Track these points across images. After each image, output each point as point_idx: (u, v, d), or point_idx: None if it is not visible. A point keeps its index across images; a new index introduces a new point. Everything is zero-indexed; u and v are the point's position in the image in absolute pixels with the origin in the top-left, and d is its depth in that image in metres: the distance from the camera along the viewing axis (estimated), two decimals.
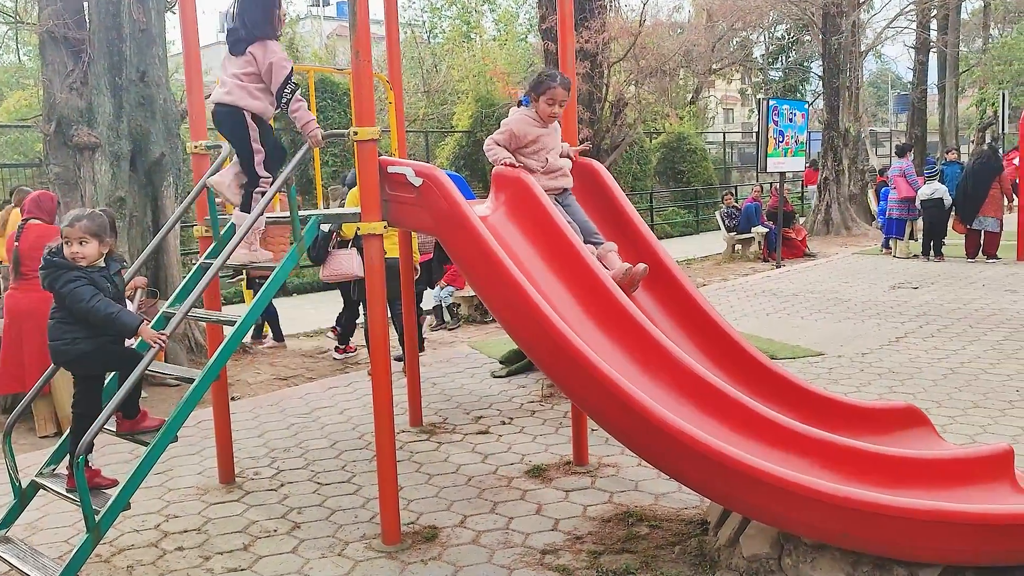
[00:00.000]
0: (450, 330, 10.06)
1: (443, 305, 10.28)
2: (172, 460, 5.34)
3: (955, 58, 27.29)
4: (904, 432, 3.89)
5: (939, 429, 4.01)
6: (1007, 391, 6.12)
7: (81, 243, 3.68)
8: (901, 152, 14.11)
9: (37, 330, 5.37)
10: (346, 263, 8.21)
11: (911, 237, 13.98)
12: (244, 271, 7.46)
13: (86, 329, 3.70)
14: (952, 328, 8.27)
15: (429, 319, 9.82)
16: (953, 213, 13.10)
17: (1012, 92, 26.02)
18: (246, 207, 4.41)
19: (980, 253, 12.85)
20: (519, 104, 4.47)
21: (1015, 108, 22.85)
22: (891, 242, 14.13)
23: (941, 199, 13.02)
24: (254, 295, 8.62)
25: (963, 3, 29.25)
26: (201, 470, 5.22)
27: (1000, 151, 15.05)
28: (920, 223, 13.84)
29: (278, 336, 9.43)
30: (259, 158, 4.40)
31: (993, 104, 27.33)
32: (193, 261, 5.92)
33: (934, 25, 26.40)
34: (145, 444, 3.73)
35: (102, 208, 4.62)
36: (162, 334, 3.69)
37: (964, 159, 16.26)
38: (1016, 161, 15.76)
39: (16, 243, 6.11)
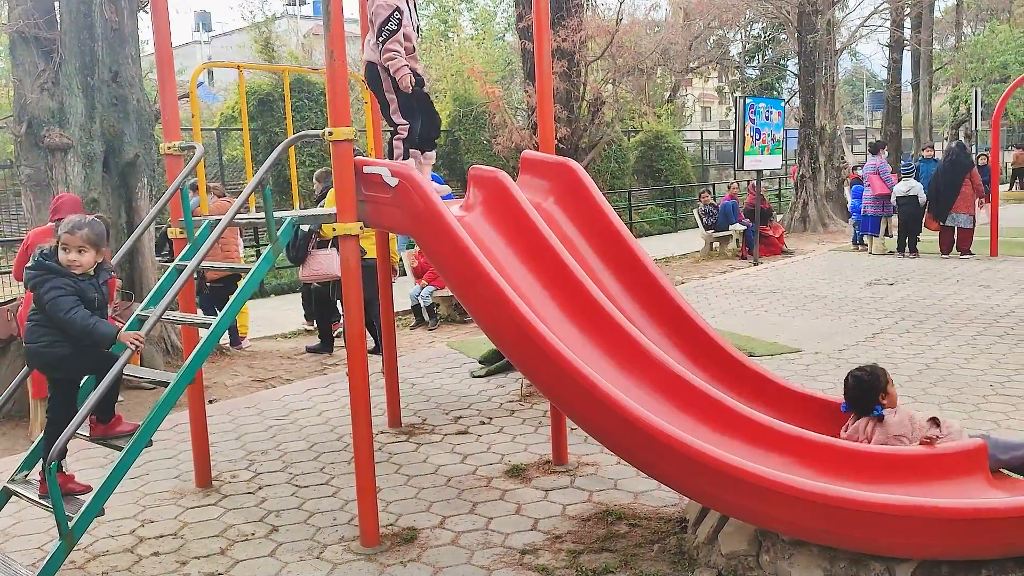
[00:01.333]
0: (430, 330, 10.03)
1: (422, 305, 10.25)
2: (147, 464, 5.29)
3: (928, 56, 27.60)
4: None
5: None
6: (981, 386, 6.18)
7: (80, 251, 3.63)
8: (874, 150, 14.23)
9: None
10: (326, 263, 8.19)
11: (886, 234, 14.11)
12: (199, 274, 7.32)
13: (64, 333, 3.65)
14: (927, 324, 8.35)
15: None
16: (927, 210, 13.24)
17: (985, 89, 26.32)
18: (389, 154, 4.81)
19: (954, 249, 12.99)
20: None
21: (988, 105, 23.13)
22: (866, 239, 14.25)
23: (916, 196, 13.14)
24: (201, 303, 8.52)
25: (936, 1, 29.59)
26: (177, 474, 5.17)
27: (968, 148, 15.21)
28: (895, 220, 13.97)
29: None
30: (393, 107, 4.73)
31: (966, 101, 27.65)
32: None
33: (908, 24, 26.65)
34: (119, 449, 3.69)
35: (98, 215, 4.56)
36: (139, 335, 3.64)
37: (940, 156, 16.42)
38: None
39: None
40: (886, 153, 14.17)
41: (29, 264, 3.69)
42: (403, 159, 4.62)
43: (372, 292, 6.18)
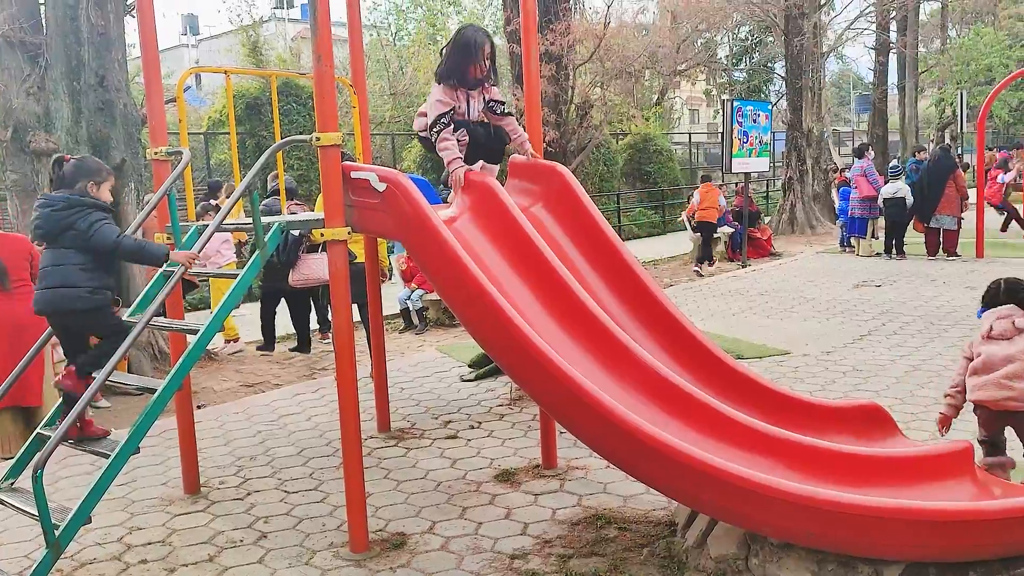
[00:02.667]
0: (418, 334, 10.03)
1: (412, 308, 10.25)
2: (135, 471, 5.26)
3: (914, 59, 27.79)
4: (868, 430, 3.94)
5: (902, 426, 4.07)
6: None
7: (110, 186, 4.03)
8: (859, 153, 14.31)
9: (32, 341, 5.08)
10: (316, 268, 8.17)
11: (873, 235, 14.19)
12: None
13: (106, 280, 3.87)
14: (913, 325, 8.40)
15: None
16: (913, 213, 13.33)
17: (970, 92, 26.54)
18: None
19: (940, 251, 13.07)
20: None
21: (973, 107, 23.28)
22: (853, 240, 14.31)
23: (903, 198, 13.21)
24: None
25: (921, 5, 29.76)
26: (165, 480, 5.15)
27: (953, 150, 15.32)
28: (882, 222, 14.05)
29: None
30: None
31: (952, 104, 27.85)
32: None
33: (893, 27, 26.82)
34: (106, 456, 3.67)
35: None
36: (192, 255, 3.94)
37: None
38: (1000, 179, 16.02)
39: None
40: (871, 155, 14.25)
41: (57, 206, 3.81)
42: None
43: (362, 296, 6.18)
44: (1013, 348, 3.92)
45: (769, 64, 35.01)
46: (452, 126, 4.47)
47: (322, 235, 4.02)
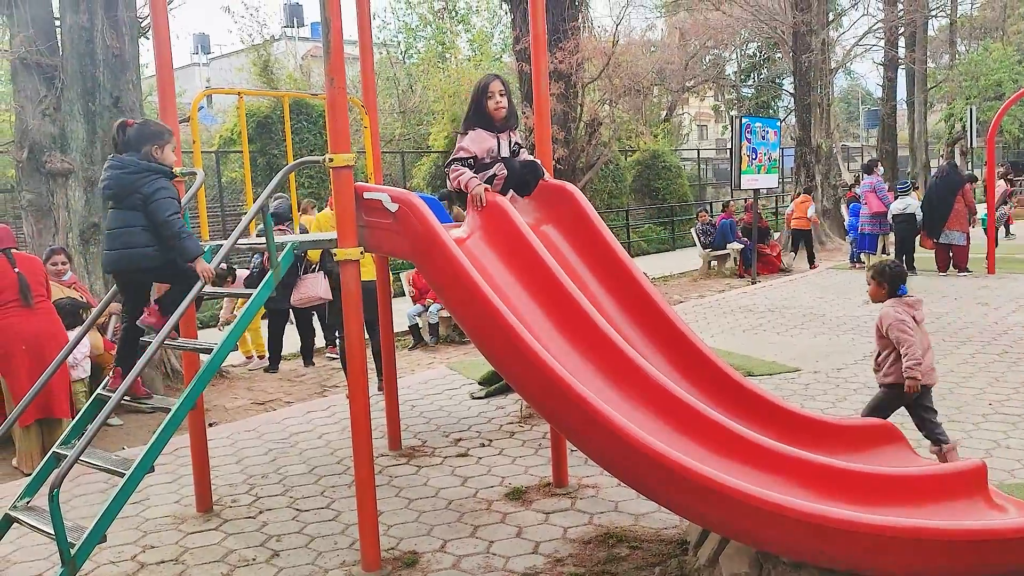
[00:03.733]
0: (429, 350, 10.06)
1: (420, 325, 10.27)
2: (148, 489, 5.28)
3: (923, 74, 27.79)
4: (880, 448, 3.93)
5: (914, 444, 4.06)
6: (979, 405, 6.20)
7: (172, 147, 4.18)
8: (868, 169, 14.33)
9: (54, 354, 5.09)
10: (314, 287, 8.32)
11: (883, 251, 14.16)
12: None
13: (156, 237, 4.02)
14: None
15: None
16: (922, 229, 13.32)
17: (980, 107, 26.49)
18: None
19: (951, 267, 13.02)
20: None
21: (983, 122, 23.25)
22: (863, 256, 14.29)
23: (913, 214, 13.20)
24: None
25: (930, 20, 29.80)
26: (178, 499, 5.17)
27: (962, 166, 15.34)
28: (892, 237, 14.03)
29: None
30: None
31: (961, 119, 27.83)
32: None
33: (902, 42, 26.86)
34: (121, 475, 3.70)
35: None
36: (209, 270, 3.99)
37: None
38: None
39: (17, 271, 5.96)
40: (881, 171, 14.25)
41: (125, 168, 4.01)
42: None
43: (372, 314, 6.21)
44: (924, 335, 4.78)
45: (777, 80, 35.12)
46: (471, 170, 4.45)
47: (333, 255, 4.05)
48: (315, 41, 38.15)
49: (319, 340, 9.82)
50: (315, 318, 9.51)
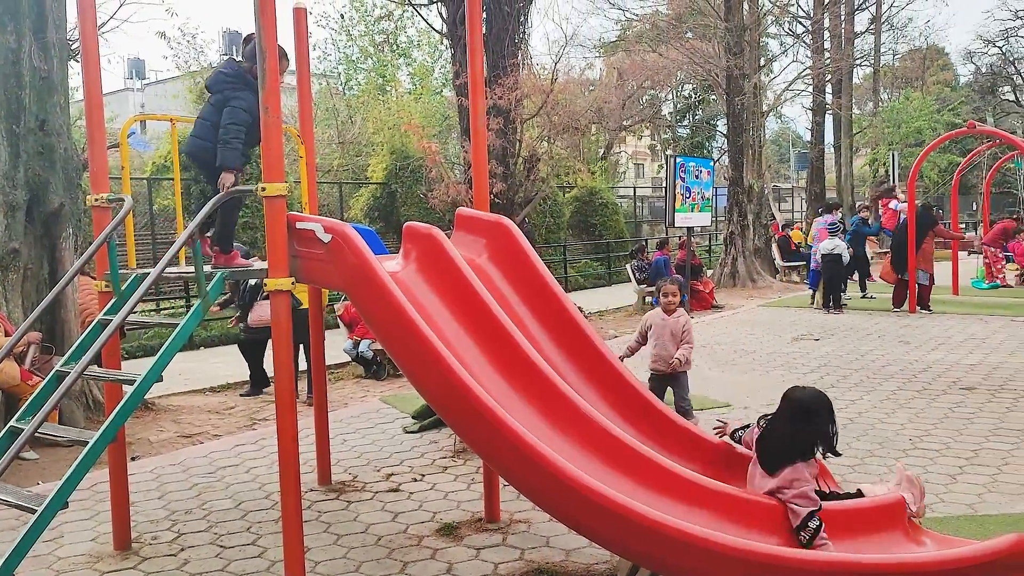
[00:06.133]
0: (381, 379, 9.96)
1: (365, 356, 10.14)
2: (62, 527, 5.07)
3: (849, 120, 28.81)
4: None
5: (838, 478, 4.15)
6: (901, 440, 6.37)
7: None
8: (828, 209, 14.83)
9: None
10: (268, 313, 8.19)
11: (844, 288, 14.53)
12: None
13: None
14: (850, 379, 8.59)
15: None
16: (888, 261, 13.84)
17: (901, 153, 27.58)
18: None
19: (917, 305, 13.39)
20: None
21: (904, 168, 24.18)
22: (817, 293, 14.64)
23: (840, 255, 13.64)
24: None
25: (855, 69, 30.99)
26: (94, 536, 4.97)
27: (934, 208, 16.01)
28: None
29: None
30: None
31: (884, 163, 28.90)
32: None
33: (829, 89, 27.86)
34: (32, 511, 3.54)
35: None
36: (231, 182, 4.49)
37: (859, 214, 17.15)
38: (892, 205, 16.89)
39: None
40: (839, 214, 14.66)
41: (227, 71, 4.70)
42: None
43: (303, 337, 6.27)
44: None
45: (711, 121, 36.07)
46: None
47: (265, 284, 3.99)
48: None
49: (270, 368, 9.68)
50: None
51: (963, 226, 28.20)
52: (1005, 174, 37.07)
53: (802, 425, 3.55)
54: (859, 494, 3.75)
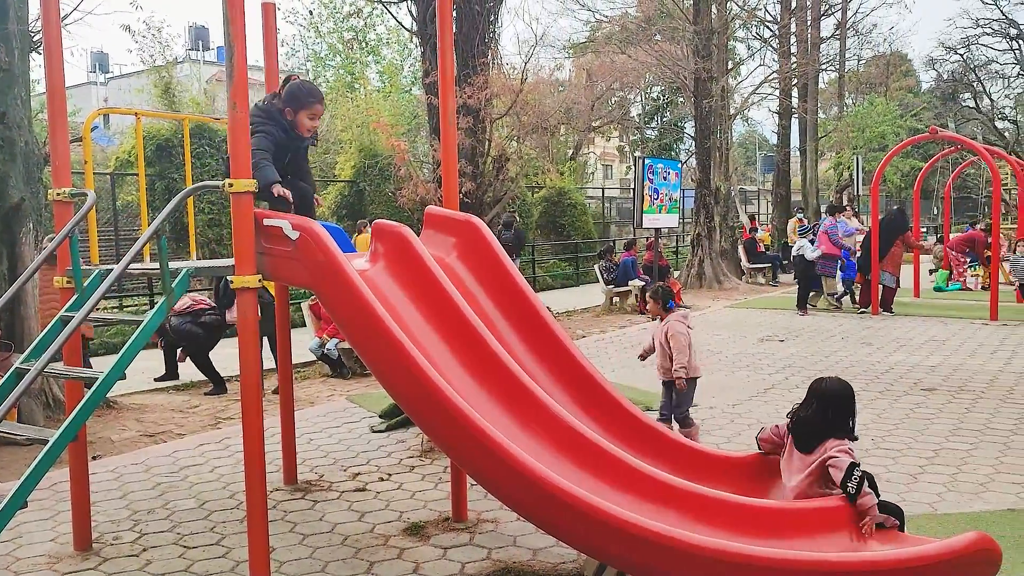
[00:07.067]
0: (346, 379, 9.90)
1: (331, 357, 10.07)
2: (21, 527, 4.97)
3: (814, 124, 29.15)
4: (773, 482, 4.05)
5: None
6: (863, 440, 6.44)
7: (308, 115, 4.71)
8: (832, 211, 14.92)
9: None
10: None
11: (829, 292, 14.61)
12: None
13: None
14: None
15: None
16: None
17: (865, 157, 28.00)
18: None
19: (880, 307, 13.58)
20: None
21: (868, 172, 24.57)
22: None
23: (803, 256, 13.80)
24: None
25: (820, 74, 31.39)
26: (54, 536, 4.88)
27: (906, 212, 16.19)
28: (837, 278, 14.55)
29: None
30: None
31: (849, 167, 29.31)
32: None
33: (795, 93, 28.19)
34: None
35: None
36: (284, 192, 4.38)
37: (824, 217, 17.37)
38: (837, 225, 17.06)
39: None
40: (841, 217, 14.67)
41: (258, 106, 4.64)
42: None
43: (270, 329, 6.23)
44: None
45: (680, 124, 36.31)
46: None
47: (231, 281, 3.95)
48: (221, 66, 37.39)
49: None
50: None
51: (924, 230, 28.72)
52: (965, 179, 37.84)
53: (831, 410, 3.80)
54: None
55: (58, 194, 4.61)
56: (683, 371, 6.10)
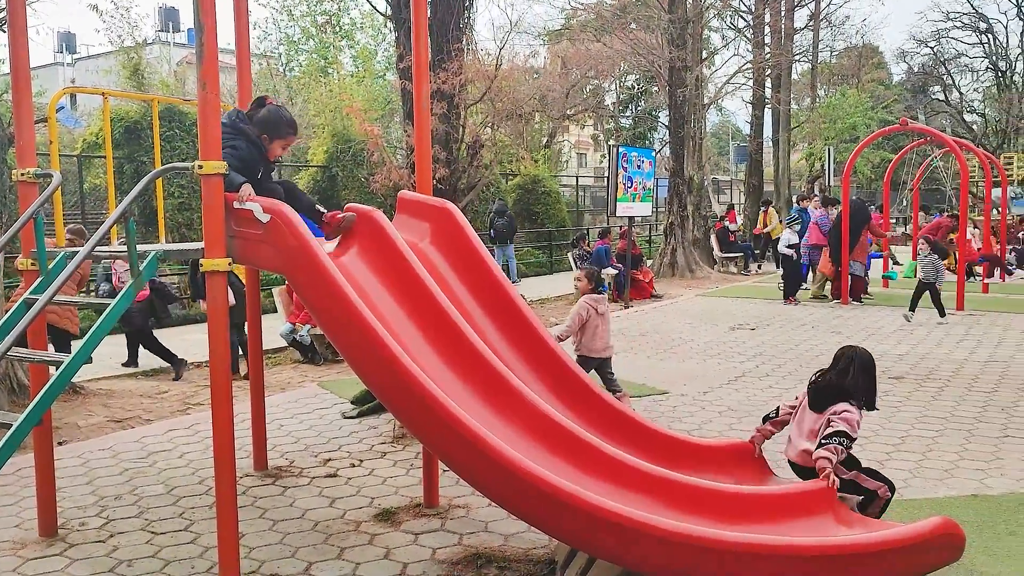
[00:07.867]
0: (318, 365, 9.84)
1: (303, 341, 10.00)
2: None
3: (787, 115, 29.37)
4: (741, 468, 4.09)
5: (772, 465, 4.23)
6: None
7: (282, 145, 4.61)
8: (825, 203, 15.03)
9: None
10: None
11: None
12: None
13: None
14: (785, 367, 8.78)
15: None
16: (826, 255, 14.06)
17: (836, 148, 28.24)
18: None
19: (849, 296, 13.72)
20: None
21: (839, 163, 24.78)
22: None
23: (788, 245, 13.97)
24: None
25: (794, 65, 31.59)
26: (18, 523, 4.81)
27: (865, 203, 16.33)
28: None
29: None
30: None
31: (820, 158, 29.56)
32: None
33: (769, 83, 28.35)
34: None
35: None
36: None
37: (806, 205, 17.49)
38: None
39: None
40: (835, 211, 14.68)
41: (227, 121, 4.36)
42: None
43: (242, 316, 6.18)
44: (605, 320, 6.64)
45: (654, 113, 36.39)
46: None
47: (201, 265, 3.90)
48: (191, 48, 36.86)
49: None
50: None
51: (894, 220, 29.07)
52: (933, 171, 38.29)
53: (857, 372, 3.97)
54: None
55: (23, 174, 4.52)
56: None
